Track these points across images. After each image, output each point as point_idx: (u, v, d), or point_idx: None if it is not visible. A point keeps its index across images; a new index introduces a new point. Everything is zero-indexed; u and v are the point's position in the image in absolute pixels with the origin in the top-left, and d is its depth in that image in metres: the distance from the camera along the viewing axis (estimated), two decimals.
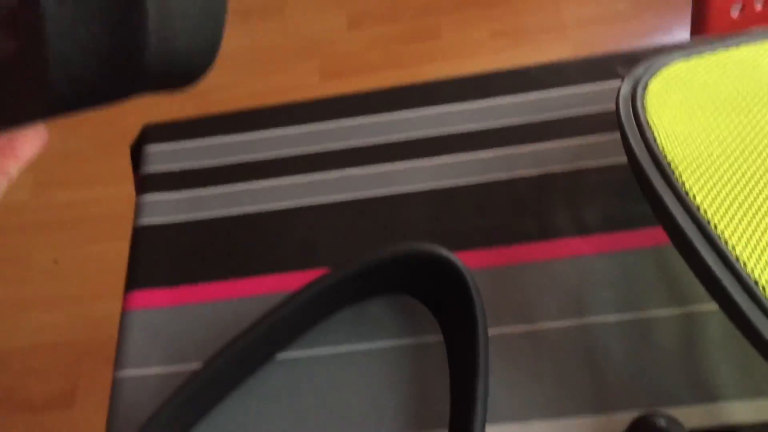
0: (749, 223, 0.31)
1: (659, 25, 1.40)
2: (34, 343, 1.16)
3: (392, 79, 1.40)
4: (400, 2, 1.53)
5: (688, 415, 0.35)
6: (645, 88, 0.37)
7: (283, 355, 0.39)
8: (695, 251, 0.31)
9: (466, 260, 0.42)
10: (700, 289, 0.39)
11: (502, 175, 0.45)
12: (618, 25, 1.42)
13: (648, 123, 0.35)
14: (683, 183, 0.32)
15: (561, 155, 0.45)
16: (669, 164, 0.33)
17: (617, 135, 0.46)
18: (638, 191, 0.43)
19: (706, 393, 0.36)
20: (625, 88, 0.37)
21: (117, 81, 0.23)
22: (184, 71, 0.24)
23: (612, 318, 0.39)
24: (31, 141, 0.26)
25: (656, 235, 0.41)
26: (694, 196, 0.31)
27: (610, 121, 0.46)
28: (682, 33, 1.39)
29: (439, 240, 0.43)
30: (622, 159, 0.45)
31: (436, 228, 0.43)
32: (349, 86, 1.42)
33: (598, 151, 0.45)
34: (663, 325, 0.38)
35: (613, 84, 0.48)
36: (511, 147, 0.46)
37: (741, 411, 0.35)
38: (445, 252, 0.37)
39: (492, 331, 0.39)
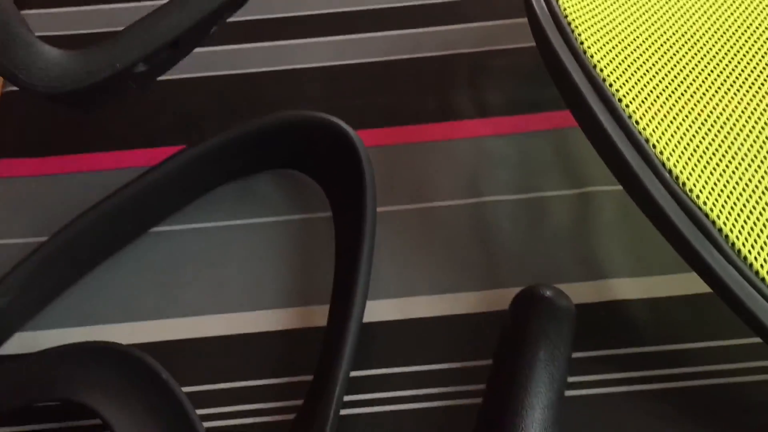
0: (650, 92, 0.30)
1: None
2: None
3: None
4: None
5: (576, 290, 0.34)
6: None
7: (157, 229, 0.37)
8: (594, 118, 0.29)
9: (364, 138, 0.40)
10: (595, 170, 0.38)
11: (405, 55, 0.43)
12: None
13: None
14: (581, 42, 0.30)
15: (467, 37, 0.43)
16: (569, 23, 0.31)
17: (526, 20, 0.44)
18: (543, 76, 0.41)
19: (595, 271, 0.35)
20: None
21: None
22: None
23: (506, 197, 0.38)
24: None
25: (557, 118, 0.40)
26: (592, 55, 0.30)
27: (520, 5, 0.44)
28: None
29: (336, 116, 0.40)
30: (530, 43, 0.43)
31: (333, 105, 0.41)
32: None
33: (506, 35, 0.44)
34: (557, 206, 0.37)
35: None
36: (416, 27, 0.44)
37: (628, 288, 0.34)
38: (334, 119, 0.35)
39: (385, 209, 0.37)
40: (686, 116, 0.29)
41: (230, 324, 0.34)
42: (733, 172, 0.28)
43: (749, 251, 0.27)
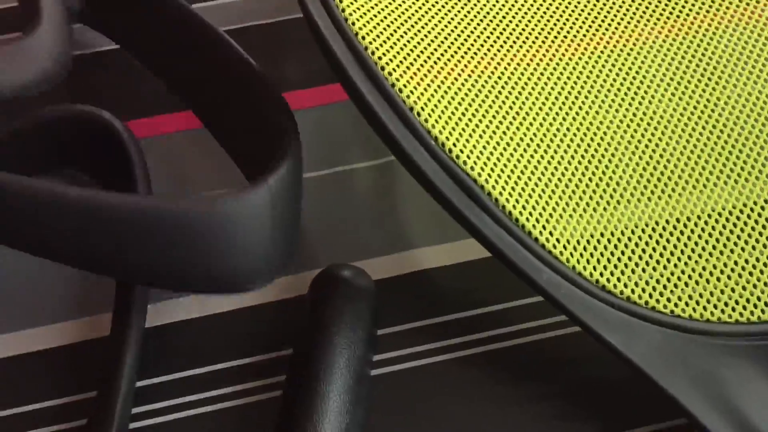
0: (416, 58, 0.29)
1: None
2: None
3: None
4: None
5: (380, 265, 0.33)
6: None
7: None
8: (357, 89, 0.27)
9: (145, 127, 0.37)
10: None
11: None
12: None
13: None
14: (342, 9, 0.28)
15: (262, 7, 0.41)
16: None
17: None
18: None
19: (399, 243, 0.34)
20: None
21: None
22: None
23: (308, 175, 0.36)
24: None
25: None
26: (353, 23, 0.28)
27: None
28: None
29: (112, 105, 0.37)
30: None
31: (112, 94, 0.38)
32: None
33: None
34: (359, 179, 0.36)
35: None
36: (204, 0, 0.41)
37: (432, 257, 0.34)
38: (96, 111, 0.32)
39: None
40: (455, 80, 0.28)
41: (1, 347, 0.31)
42: (503, 134, 0.28)
43: (520, 212, 0.26)
